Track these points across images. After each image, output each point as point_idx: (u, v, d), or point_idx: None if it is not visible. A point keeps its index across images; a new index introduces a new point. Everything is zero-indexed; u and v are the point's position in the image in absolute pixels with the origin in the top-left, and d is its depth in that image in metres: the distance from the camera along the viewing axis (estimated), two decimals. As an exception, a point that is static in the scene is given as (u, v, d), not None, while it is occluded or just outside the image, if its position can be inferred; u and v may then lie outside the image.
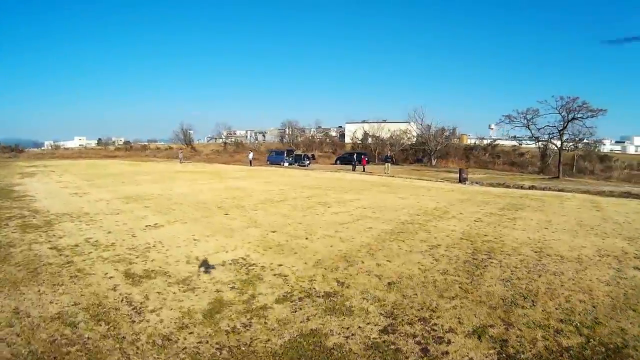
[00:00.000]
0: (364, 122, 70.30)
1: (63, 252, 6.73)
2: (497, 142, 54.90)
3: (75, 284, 5.24)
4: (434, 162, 45.74)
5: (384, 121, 63.42)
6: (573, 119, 31.60)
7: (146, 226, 8.99)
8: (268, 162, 42.22)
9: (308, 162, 40.60)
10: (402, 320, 4.23)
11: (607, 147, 51.77)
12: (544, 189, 21.22)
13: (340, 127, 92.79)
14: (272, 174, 26.91)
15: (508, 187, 23.35)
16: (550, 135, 33.55)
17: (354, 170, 32.33)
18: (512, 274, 5.79)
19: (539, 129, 34.08)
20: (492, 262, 6.36)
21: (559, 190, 20.27)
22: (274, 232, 8.62)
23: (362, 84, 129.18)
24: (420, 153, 50.69)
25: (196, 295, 4.94)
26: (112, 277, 5.53)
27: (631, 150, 65.06)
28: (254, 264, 6.28)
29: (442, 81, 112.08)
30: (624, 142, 70.21)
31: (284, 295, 4.91)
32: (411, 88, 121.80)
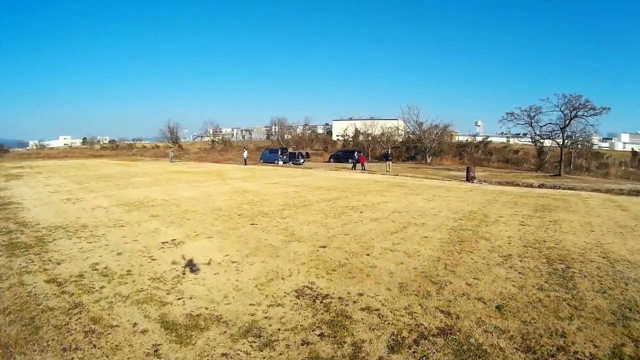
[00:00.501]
0: (350, 119, 68.92)
1: (66, 288, 5.01)
2: (488, 139, 54.24)
3: (94, 346, 3.57)
4: (428, 160, 44.59)
5: (372, 118, 62.05)
6: (575, 116, 30.86)
7: (163, 243, 7.28)
8: (261, 161, 40.35)
9: (302, 160, 38.88)
10: (543, 353, 3.60)
11: (595, 144, 51.59)
12: (554, 188, 20.49)
13: (327, 124, 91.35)
14: (273, 174, 25.17)
15: (517, 185, 22.47)
16: (553, 133, 32.66)
17: (354, 168, 30.81)
18: (601, 284, 5.42)
19: (541, 127, 33.31)
20: (574, 272, 5.90)
21: (570, 189, 19.70)
22: (323, 247, 7.10)
23: (348, 81, 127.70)
24: (412, 150, 49.55)
25: (280, 355, 3.35)
26: (144, 330, 3.89)
27: (619, 147, 65.50)
28: (326, 295, 4.84)
29: (427, 78, 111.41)
30: (611, 139, 70.74)
31: (393, 340, 3.76)
32: (396, 85, 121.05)
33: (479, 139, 57.15)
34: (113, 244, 7.24)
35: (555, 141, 33.76)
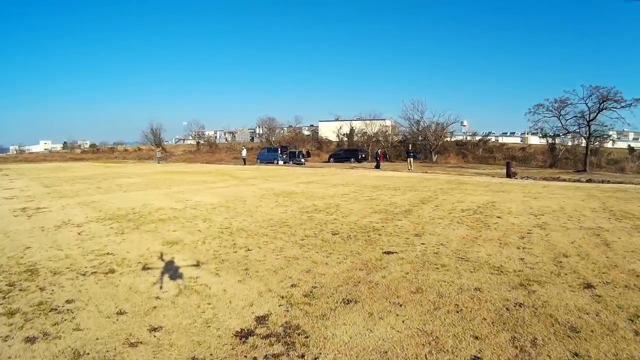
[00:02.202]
0: (337, 119, 64.59)
1: None
2: (488, 137, 51.03)
3: None
4: (434, 158, 40.68)
5: (360, 119, 57.66)
6: (604, 108, 27.62)
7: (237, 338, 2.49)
8: (258, 161, 35.28)
9: (304, 160, 34.03)
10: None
11: (616, 139, 48.82)
12: (602, 182, 17.42)
13: (312, 125, 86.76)
14: (290, 173, 20.27)
15: (564, 180, 18.86)
16: (580, 126, 29.88)
17: (378, 167, 26.29)
18: None
19: (566, 120, 30.11)
20: None
21: (619, 183, 16.91)
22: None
23: (334, 82, 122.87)
24: (418, 148, 45.55)
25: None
26: None
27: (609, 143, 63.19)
28: None
29: (416, 76, 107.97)
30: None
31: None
32: (383, 86, 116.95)
33: (471, 137, 53.72)
34: (100, 338, 2.45)
35: (582, 136, 30.47)
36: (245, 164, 31.39)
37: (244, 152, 32.71)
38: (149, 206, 8.54)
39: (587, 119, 29.21)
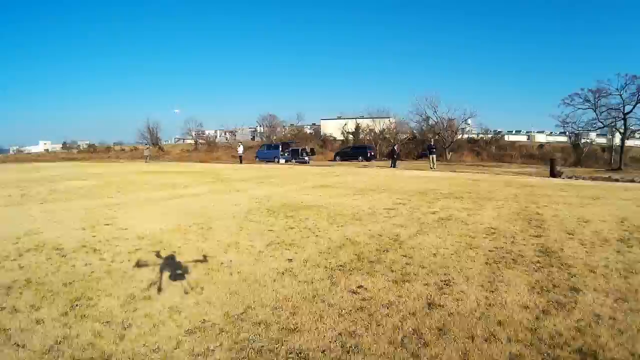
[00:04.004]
0: (339, 118, 60.37)
1: None
2: (501, 134, 46.75)
3: None
4: (448, 156, 36.38)
5: (362, 117, 53.31)
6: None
7: None
8: (257, 159, 30.85)
9: (308, 158, 29.51)
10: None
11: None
12: None
13: (315, 124, 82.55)
14: (296, 173, 15.77)
15: (616, 180, 15.56)
16: (616, 119, 26.01)
17: (394, 166, 21.94)
18: None
19: (601, 113, 26.21)
20: None
21: None
22: None
23: (336, 80, 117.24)
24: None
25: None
26: None
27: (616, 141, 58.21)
28: None
29: (415, 75, 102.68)
30: (605, 133, 63.55)
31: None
32: (385, 84, 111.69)
33: (483, 135, 49.46)
34: None
35: (618, 130, 26.89)
36: (241, 162, 26.98)
37: (241, 149, 28.15)
38: (22, 240, 4.24)
39: (623, 112, 25.04)
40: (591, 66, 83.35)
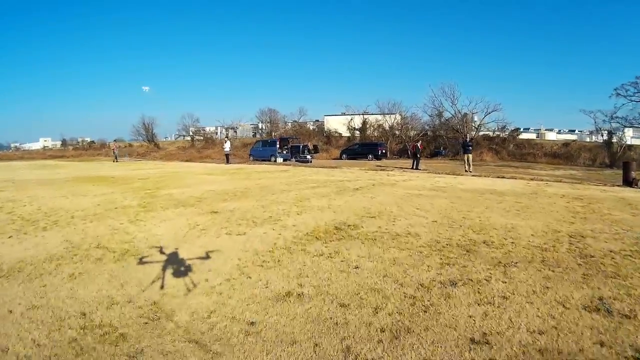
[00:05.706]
0: (343, 114, 55.62)
1: None
2: (519, 131, 41.74)
3: None
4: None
5: (365, 112, 48.62)
6: None
7: None
8: (251, 158, 26.16)
9: (310, 156, 24.65)
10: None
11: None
12: None
13: (318, 120, 77.88)
14: (282, 182, 11.16)
15: None
16: None
17: (416, 167, 17.29)
18: None
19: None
20: None
21: None
22: None
23: (339, 76, 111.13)
24: (439, 144, 37.00)
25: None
26: None
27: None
28: None
29: (415, 72, 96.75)
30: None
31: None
32: (386, 79, 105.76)
33: (500, 132, 44.60)
34: None
35: None
36: (228, 162, 22.31)
37: (227, 146, 23.30)
38: None
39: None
40: (608, 61, 77.98)
